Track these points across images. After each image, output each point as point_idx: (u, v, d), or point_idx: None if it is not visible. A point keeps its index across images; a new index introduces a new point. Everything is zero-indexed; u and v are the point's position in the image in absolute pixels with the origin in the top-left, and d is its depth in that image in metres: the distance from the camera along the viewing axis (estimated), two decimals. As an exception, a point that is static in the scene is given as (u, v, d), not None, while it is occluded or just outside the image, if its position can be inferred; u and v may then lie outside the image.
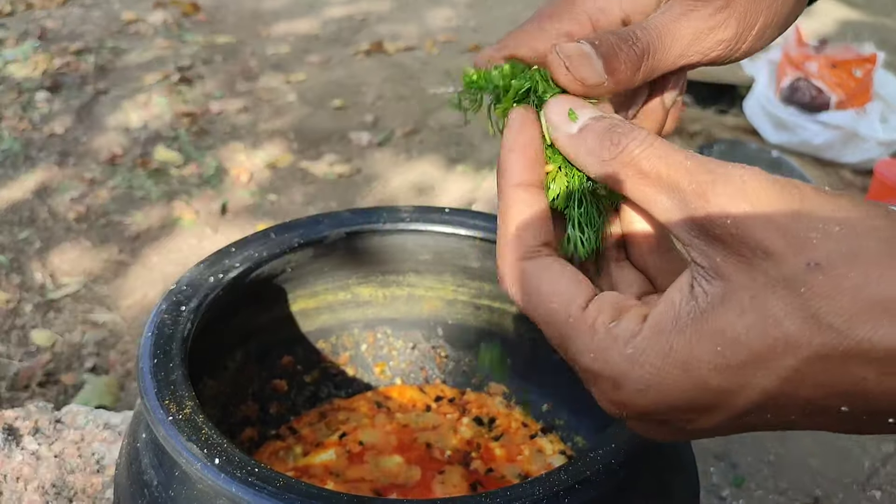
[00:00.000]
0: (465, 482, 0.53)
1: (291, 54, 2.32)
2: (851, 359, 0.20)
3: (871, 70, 1.66)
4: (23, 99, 1.99)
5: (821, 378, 0.21)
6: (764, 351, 0.21)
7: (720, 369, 0.22)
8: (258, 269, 0.51)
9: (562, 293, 0.25)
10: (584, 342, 0.24)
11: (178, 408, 0.39)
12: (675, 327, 0.23)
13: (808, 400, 0.22)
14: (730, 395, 0.22)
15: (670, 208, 0.24)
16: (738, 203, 0.22)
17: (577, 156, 0.27)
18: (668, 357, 0.23)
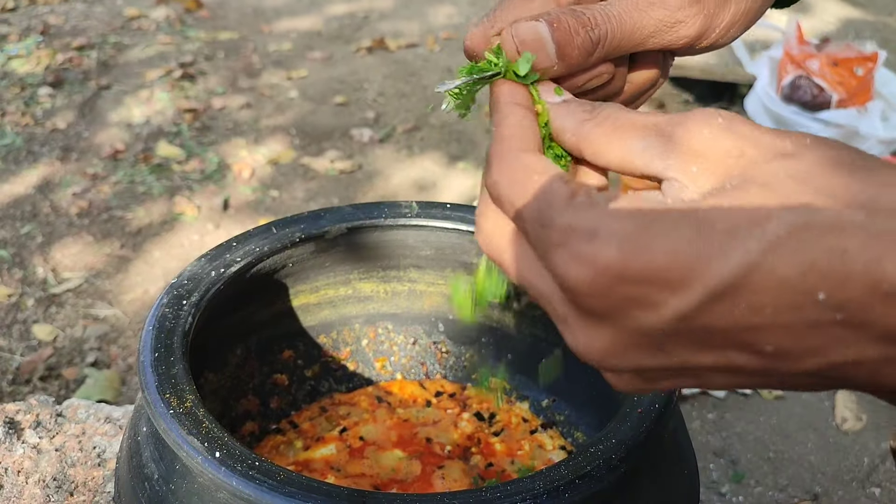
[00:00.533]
0: (466, 477, 0.53)
1: (293, 51, 2.32)
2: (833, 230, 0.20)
3: (872, 69, 1.66)
4: (25, 94, 1.99)
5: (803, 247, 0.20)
6: (747, 218, 0.21)
7: (703, 233, 0.21)
8: (259, 263, 0.51)
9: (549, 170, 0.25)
10: (564, 202, 0.24)
11: (179, 401, 0.39)
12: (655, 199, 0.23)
13: (786, 281, 0.20)
14: (710, 261, 0.21)
15: (645, 146, 0.25)
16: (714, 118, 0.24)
17: (557, 115, 0.28)
18: (651, 215, 0.22)
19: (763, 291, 0.21)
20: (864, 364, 0.21)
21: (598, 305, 0.23)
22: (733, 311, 0.21)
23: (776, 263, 0.21)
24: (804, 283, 0.20)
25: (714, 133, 0.23)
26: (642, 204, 0.23)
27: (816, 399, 1.13)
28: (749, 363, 0.22)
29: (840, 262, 0.20)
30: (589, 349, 0.24)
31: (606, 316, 0.23)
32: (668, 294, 0.22)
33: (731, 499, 0.96)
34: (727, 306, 0.21)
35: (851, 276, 0.20)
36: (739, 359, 0.22)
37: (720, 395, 1.15)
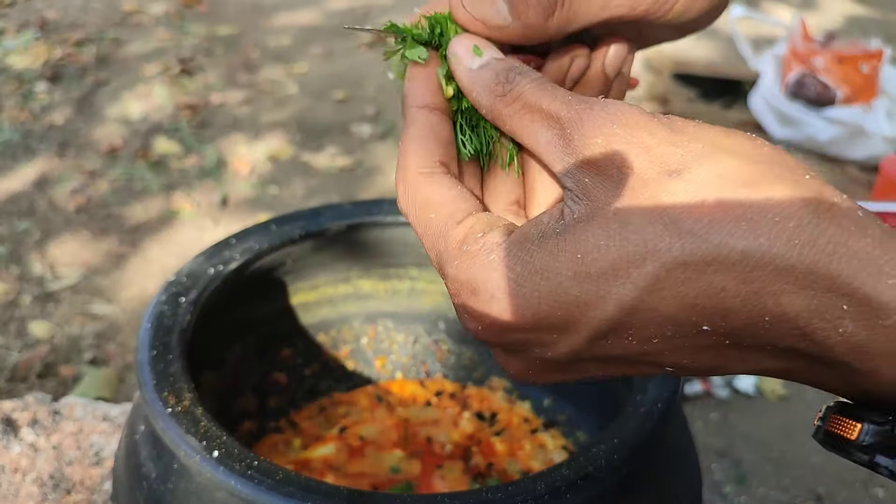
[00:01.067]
0: (466, 477, 0.53)
1: (293, 46, 2.31)
2: (709, 265, 0.20)
3: (877, 66, 1.65)
4: (23, 89, 1.98)
5: (681, 289, 0.20)
6: (623, 258, 0.21)
7: (579, 278, 0.22)
8: (258, 260, 0.51)
9: (444, 206, 0.25)
10: (453, 252, 0.24)
11: (177, 400, 0.38)
12: (539, 239, 0.23)
13: (669, 317, 0.21)
14: (588, 307, 0.22)
15: (550, 139, 0.24)
16: (610, 126, 0.23)
17: (473, 90, 0.27)
18: (528, 265, 0.22)
19: (648, 327, 0.21)
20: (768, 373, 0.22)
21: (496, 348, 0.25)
22: (622, 342, 0.22)
23: (655, 304, 0.21)
24: (686, 318, 0.21)
25: (607, 142, 0.23)
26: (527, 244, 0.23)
27: (820, 400, 1.13)
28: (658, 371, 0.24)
29: (719, 300, 0.20)
30: (507, 370, 0.26)
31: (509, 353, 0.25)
32: (557, 335, 0.23)
33: (733, 499, 0.96)
34: (616, 340, 0.22)
35: (732, 312, 0.20)
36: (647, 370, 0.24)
37: (723, 395, 1.15)
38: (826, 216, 0.20)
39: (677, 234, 0.20)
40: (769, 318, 0.20)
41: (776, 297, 0.20)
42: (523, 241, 0.23)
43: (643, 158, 0.22)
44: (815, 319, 0.20)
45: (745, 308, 0.20)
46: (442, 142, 0.27)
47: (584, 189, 0.23)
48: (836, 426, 0.22)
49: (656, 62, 2.06)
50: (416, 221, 0.26)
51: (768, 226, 0.20)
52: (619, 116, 0.23)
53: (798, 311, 0.20)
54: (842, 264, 0.19)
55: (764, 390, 1.16)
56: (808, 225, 0.20)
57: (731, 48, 2.12)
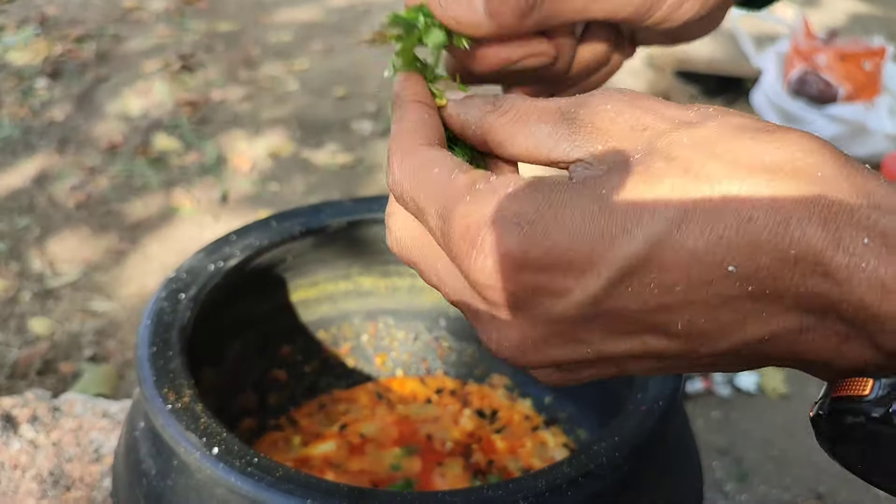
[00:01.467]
0: (466, 474, 0.53)
1: (293, 42, 2.30)
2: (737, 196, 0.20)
3: (880, 63, 1.64)
4: (23, 85, 1.98)
5: (709, 219, 0.20)
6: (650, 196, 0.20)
7: (605, 211, 0.21)
8: (258, 257, 0.50)
9: (447, 162, 0.24)
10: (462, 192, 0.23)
11: (177, 396, 0.38)
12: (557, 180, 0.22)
13: (695, 256, 0.20)
14: (613, 242, 0.20)
15: (549, 131, 0.24)
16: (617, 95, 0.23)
17: (459, 112, 0.27)
18: (548, 197, 0.21)
19: (672, 268, 0.20)
20: (781, 337, 0.21)
21: (504, 297, 0.22)
22: (643, 291, 0.21)
23: (684, 238, 0.20)
24: (714, 256, 0.20)
25: (616, 108, 0.23)
26: (543, 185, 0.22)
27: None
28: (667, 347, 0.22)
29: (747, 231, 0.20)
30: (502, 345, 0.23)
31: (514, 307, 0.22)
32: (575, 279, 0.21)
33: (734, 497, 0.96)
34: (637, 287, 0.21)
35: (759, 244, 0.20)
36: (655, 342, 0.22)
37: (725, 393, 1.15)
38: (842, 159, 0.21)
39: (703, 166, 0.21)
40: (795, 250, 0.20)
41: (802, 227, 0.19)
42: (542, 181, 0.22)
43: (656, 118, 0.22)
44: (839, 254, 0.19)
45: (773, 239, 0.20)
46: (437, 132, 0.27)
47: (597, 156, 0.23)
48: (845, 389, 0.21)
49: (658, 59, 2.05)
50: (415, 183, 0.24)
51: (791, 158, 0.20)
52: (621, 90, 0.23)
53: (822, 244, 0.19)
54: (860, 199, 0.20)
55: (765, 388, 1.16)
56: (826, 161, 0.20)
57: (733, 45, 2.12)
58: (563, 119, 0.24)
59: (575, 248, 0.21)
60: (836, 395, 0.21)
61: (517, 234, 0.21)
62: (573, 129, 0.23)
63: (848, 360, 0.21)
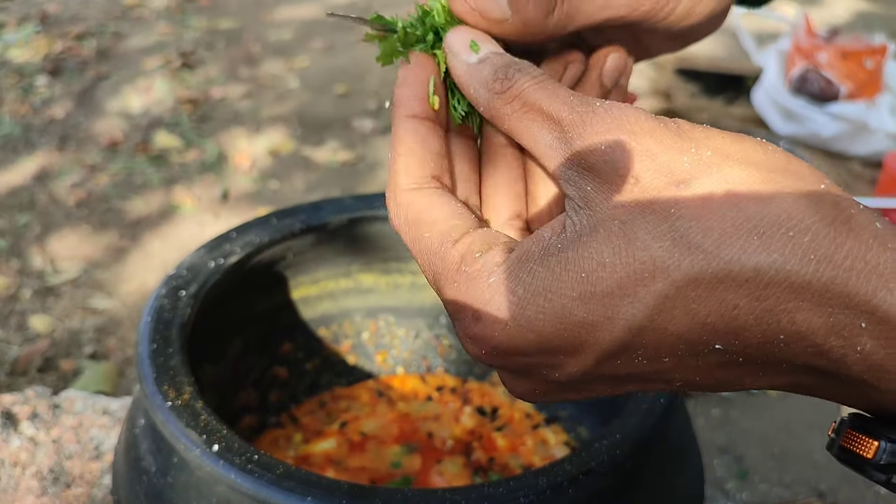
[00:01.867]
0: (467, 472, 0.53)
1: (294, 40, 2.30)
2: (721, 282, 0.19)
3: (881, 61, 1.64)
4: (23, 83, 1.98)
5: (692, 307, 0.19)
6: (631, 276, 0.20)
7: (584, 298, 0.21)
8: (259, 254, 0.50)
9: (439, 224, 0.24)
10: (451, 274, 0.23)
11: (177, 394, 0.38)
12: (541, 257, 0.22)
13: (680, 337, 0.20)
14: (595, 329, 0.21)
15: (550, 143, 0.23)
16: (614, 132, 0.22)
17: (470, 86, 0.26)
18: (531, 286, 0.21)
19: (658, 347, 0.21)
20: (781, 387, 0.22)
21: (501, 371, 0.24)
22: (632, 362, 0.21)
23: (665, 323, 0.20)
24: (698, 338, 0.20)
25: (611, 149, 0.22)
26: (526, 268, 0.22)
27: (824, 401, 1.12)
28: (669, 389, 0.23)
29: (732, 318, 0.19)
30: (513, 391, 0.25)
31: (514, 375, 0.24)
32: (565, 357, 0.22)
33: (735, 495, 0.96)
34: (625, 360, 0.21)
35: (745, 330, 0.20)
36: (656, 387, 0.23)
37: (726, 392, 1.14)
38: (843, 229, 0.19)
39: (686, 250, 0.19)
40: (784, 336, 0.19)
41: (791, 314, 0.19)
42: (525, 261, 0.22)
43: (649, 167, 0.21)
44: (833, 338, 0.19)
45: (759, 326, 0.19)
46: (433, 153, 0.26)
47: (585, 198, 0.22)
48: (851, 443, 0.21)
49: (659, 57, 2.05)
50: (409, 240, 0.25)
51: (782, 241, 0.19)
52: (624, 121, 0.22)
53: (814, 329, 0.19)
54: (860, 281, 0.18)
55: (765, 386, 1.15)
56: (823, 239, 0.19)
57: (734, 43, 2.11)
58: (563, 136, 0.23)
59: (559, 337, 0.21)
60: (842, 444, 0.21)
61: (502, 330, 0.22)
62: (570, 156, 0.23)
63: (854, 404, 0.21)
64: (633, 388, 0.23)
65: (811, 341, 0.19)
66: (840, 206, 0.19)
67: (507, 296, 0.22)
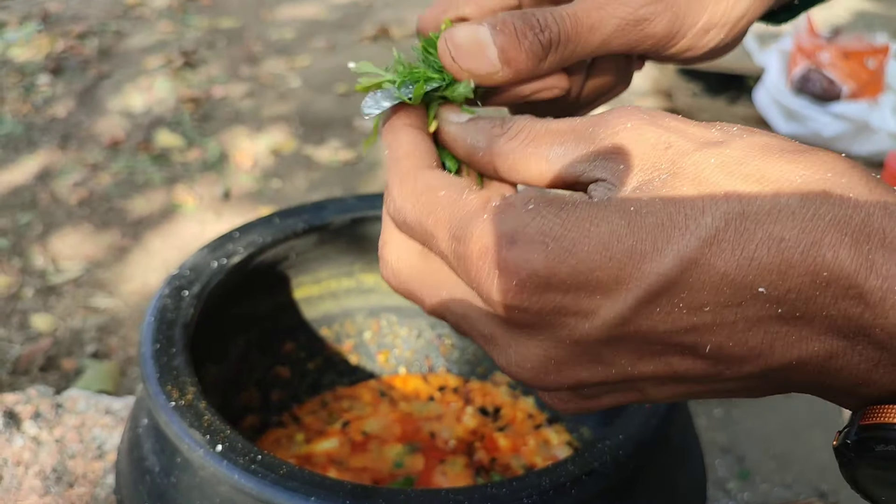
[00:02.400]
0: (469, 472, 0.53)
1: (296, 39, 2.30)
2: (769, 214, 0.19)
3: (883, 61, 1.64)
4: (25, 82, 1.98)
5: (741, 239, 0.19)
6: (681, 210, 0.20)
7: (633, 227, 0.20)
8: (262, 254, 0.50)
9: (453, 184, 0.24)
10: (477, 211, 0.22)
11: (181, 394, 0.38)
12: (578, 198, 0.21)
13: (726, 275, 0.19)
14: (643, 259, 0.20)
15: (562, 153, 0.23)
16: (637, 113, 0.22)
17: (466, 136, 0.26)
18: (575, 213, 0.20)
19: (702, 289, 0.20)
20: (808, 363, 0.21)
21: (527, 317, 0.21)
22: (672, 311, 0.20)
23: (714, 258, 0.20)
24: (744, 277, 0.20)
25: (637, 127, 0.22)
26: (566, 202, 0.21)
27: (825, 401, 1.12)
28: (691, 369, 0.21)
29: (778, 252, 0.19)
30: (522, 367, 0.22)
31: (537, 328, 0.21)
32: (602, 298, 0.20)
33: (737, 495, 0.96)
34: (665, 307, 0.20)
35: (791, 266, 0.19)
36: (681, 365, 0.21)
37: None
38: (873, 181, 0.20)
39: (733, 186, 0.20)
40: (827, 273, 0.19)
41: (834, 248, 0.19)
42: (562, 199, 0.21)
43: (679, 137, 0.21)
44: (872, 276, 0.19)
45: (805, 261, 0.19)
46: (431, 154, 0.26)
47: (619, 175, 0.22)
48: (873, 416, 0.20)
49: (660, 56, 2.04)
50: (420, 207, 0.23)
51: (822, 179, 0.20)
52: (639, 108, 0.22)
53: (856, 266, 0.19)
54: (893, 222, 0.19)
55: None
56: (858, 182, 0.20)
57: (735, 43, 2.11)
58: (580, 139, 0.23)
59: (603, 267, 0.20)
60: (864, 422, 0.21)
61: (542, 252, 0.20)
62: (591, 148, 0.22)
63: (876, 386, 0.20)
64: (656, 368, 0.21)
65: (853, 280, 0.19)
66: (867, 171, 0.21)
67: (547, 219, 0.20)
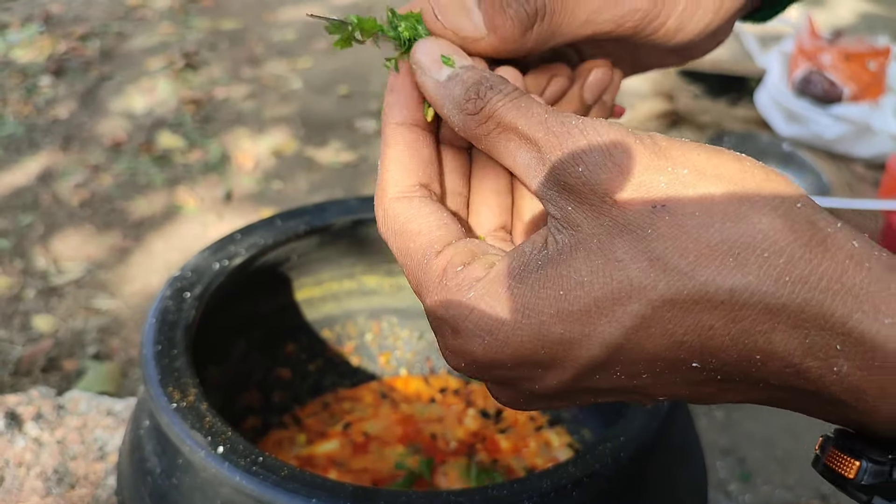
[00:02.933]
0: (470, 473, 0.53)
1: (297, 40, 2.30)
2: (697, 304, 0.19)
3: (884, 63, 1.64)
4: (27, 83, 1.98)
5: (668, 327, 0.20)
6: (608, 296, 0.20)
7: (562, 316, 0.21)
8: (263, 256, 0.50)
9: (423, 235, 0.24)
10: (432, 286, 0.23)
11: (182, 395, 0.38)
12: (521, 274, 0.22)
13: (657, 355, 0.20)
14: (572, 346, 0.21)
15: (528, 162, 0.23)
16: (590, 153, 0.21)
17: (442, 106, 0.25)
18: (509, 302, 0.22)
19: (636, 363, 0.21)
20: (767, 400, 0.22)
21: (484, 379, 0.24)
22: (611, 377, 0.22)
23: (642, 342, 0.20)
24: (675, 357, 0.20)
25: (588, 170, 0.21)
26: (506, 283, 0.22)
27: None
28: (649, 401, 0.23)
29: (708, 339, 0.20)
30: (498, 399, 0.25)
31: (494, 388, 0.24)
32: (543, 371, 0.22)
33: (738, 497, 0.96)
34: (604, 376, 0.22)
35: (721, 350, 0.20)
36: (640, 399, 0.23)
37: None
38: (818, 250, 0.19)
39: (662, 272, 0.20)
40: (760, 356, 0.19)
41: (767, 336, 0.19)
42: (504, 277, 0.22)
43: (626, 187, 0.21)
44: (809, 358, 0.19)
45: (736, 347, 0.19)
46: (422, 161, 0.26)
47: (567, 217, 0.22)
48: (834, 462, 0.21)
49: (662, 58, 2.04)
50: (395, 249, 0.25)
51: (757, 262, 0.19)
52: (599, 140, 0.21)
53: (791, 350, 0.19)
54: (836, 302, 0.18)
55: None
56: (799, 260, 0.19)
57: (737, 44, 2.11)
58: (541, 159, 0.22)
59: (537, 353, 0.22)
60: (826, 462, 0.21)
61: (480, 345, 0.22)
62: (549, 177, 0.22)
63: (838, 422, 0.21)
64: (614, 399, 0.24)
65: (788, 361, 0.19)
66: (816, 225, 0.19)
67: (484, 311, 0.22)
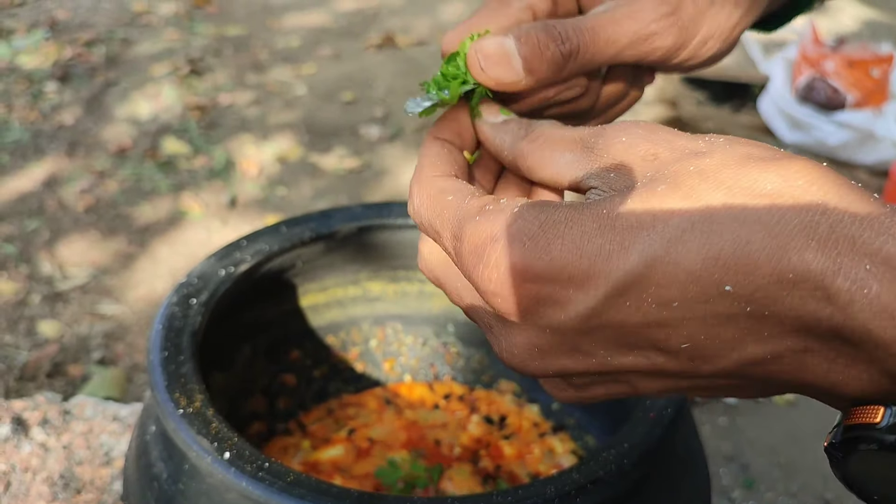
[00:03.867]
0: (474, 479, 0.53)
1: (302, 47, 2.31)
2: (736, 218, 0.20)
3: (888, 70, 1.64)
4: (32, 89, 2.00)
5: (706, 240, 0.20)
6: (649, 214, 0.21)
7: (603, 229, 0.22)
8: (269, 262, 0.51)
9: (462, 190, 0.27)
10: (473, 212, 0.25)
11: (188, 401, 0.39)
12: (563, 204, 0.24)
13: (692, 273, 0.21)
14: (610, 258, 0.21)
15: (570, 159, 0.26)
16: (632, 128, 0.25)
17: (496, 136, 0.29)
18: (553, 216, 0.23)
19: (668, 285, 0.21)
20: (784, 358, 0.21)
21: (509, 306, 0.24)
22: (641, 306, 0.22)
23: (679, 256, 0.21)
24: (710, 276, 0.21)
25: (631, 140, 0.24)
26: (547, 206, 0.24)
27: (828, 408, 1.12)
28: (668, 363, 0.23)
29: (744, 253, 0.20)
30: (510, 353, 0.25)
31: (520, 315, 0.24)
32: (574, 291, 0.22)
33: (741, 504, 0.95)
34: (634, 301, 0.22)
35: (757, 267, 0.20)
36: (657, 358, 0.23)
37: (732, 400, 1.14)
38: (845, 186, 0.21)
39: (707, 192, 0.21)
40: (793, 274, 0.20)
41: (801, 252, 0.20)
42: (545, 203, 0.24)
43: (667, 149, 0.23)
44: (840, 279, 0.19)
45: (770, 262, 0.20)
46: (457, 163, 0.29)
47: (609, 183, 0.24)
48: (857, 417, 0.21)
49: (664, 65, 2.05)
50: (431, 210, 0.27)
51: (792, 187, 0.21)
52: (639, 123, 0.25)
53: (822, 269, 0.19)
54: (863, 227, 0.20)
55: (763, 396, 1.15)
56: (830, 189, 0.21)
57: (741, 51, 2.11)
58: (584, 148, 0.26)
59: (574, 263, 0.22)
60: (848, 422, 0.21)
61: (520, 248, 0.23)
62: (591, 158, 0.25)
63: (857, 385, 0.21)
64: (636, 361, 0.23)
65: (819, 282, 0.19)
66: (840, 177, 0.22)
67: (528, 220, 0.23)
